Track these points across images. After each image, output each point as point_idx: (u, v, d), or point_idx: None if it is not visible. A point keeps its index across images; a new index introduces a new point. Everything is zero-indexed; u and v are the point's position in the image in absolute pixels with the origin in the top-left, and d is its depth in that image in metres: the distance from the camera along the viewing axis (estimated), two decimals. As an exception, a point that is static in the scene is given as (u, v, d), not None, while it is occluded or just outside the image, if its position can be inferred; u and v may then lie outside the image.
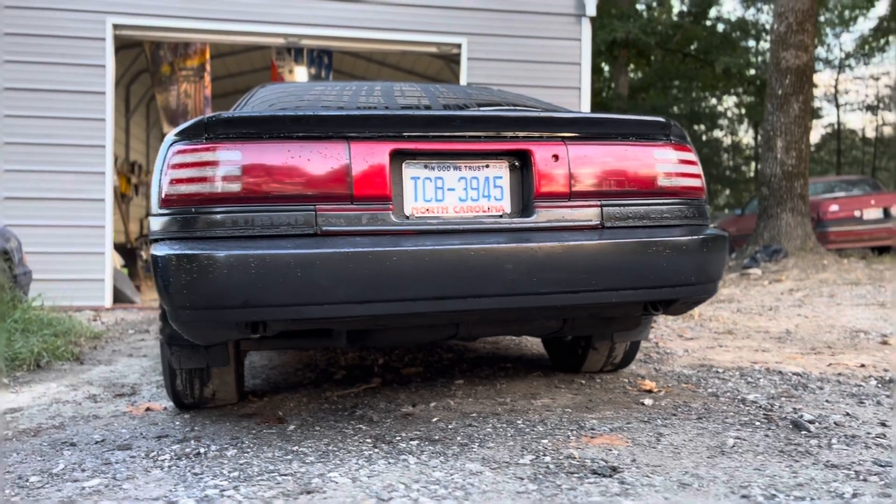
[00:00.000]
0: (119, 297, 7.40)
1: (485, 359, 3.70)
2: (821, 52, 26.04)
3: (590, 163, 2.41)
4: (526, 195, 2.39)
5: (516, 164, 2.41)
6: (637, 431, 2.28)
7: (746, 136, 28.51)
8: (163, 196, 2.21)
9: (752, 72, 18.68)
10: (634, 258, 2.34)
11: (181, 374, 2.74)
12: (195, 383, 2.78)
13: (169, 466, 2.15)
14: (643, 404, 2.65)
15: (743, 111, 27.37)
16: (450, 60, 10.28)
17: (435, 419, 2.53)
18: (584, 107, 7.66)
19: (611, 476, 1.85)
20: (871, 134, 30.06)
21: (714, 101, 27.74)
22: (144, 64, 10.38)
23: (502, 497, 1.73)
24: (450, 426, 2.43)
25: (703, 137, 26.46)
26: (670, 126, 2.55)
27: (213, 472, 2.06)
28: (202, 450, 2.31)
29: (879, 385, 2.96)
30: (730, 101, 28.51)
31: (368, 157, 2.25)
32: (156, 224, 2.25)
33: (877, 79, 28.40)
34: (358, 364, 3.73)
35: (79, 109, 6.91)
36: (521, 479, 1.85)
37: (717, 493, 1.72)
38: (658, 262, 2.36)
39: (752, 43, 21.46)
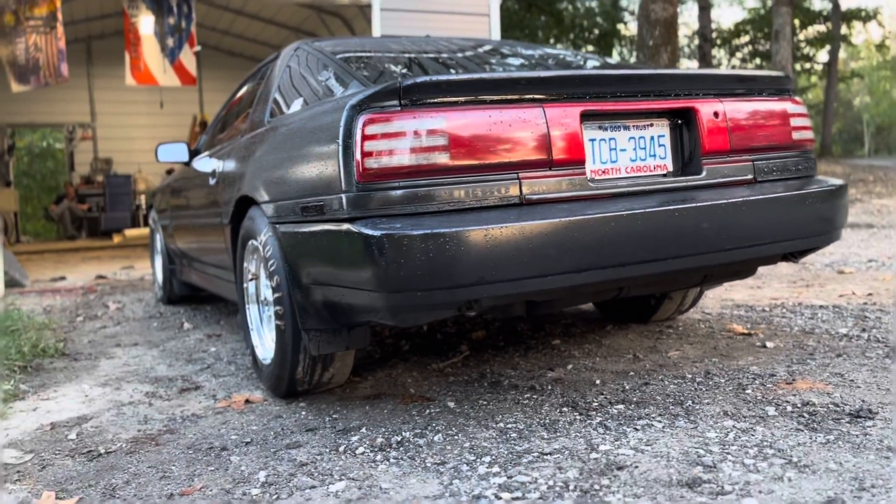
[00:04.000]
0: (8, 282, 6.57)
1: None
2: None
3: (742, 118, 2.47)
4: (691, 153, 2.42)
5: (678, 121, 2.42)
6: (814, 374, 2.43)
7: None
8: (361, 170, 2.01)
9: (599, 21, 19.53)
10: (787, 210, 2.45)
11: (305, 360, 2.53)
12: (317, 368, 2.59)
13: (393, 459, 2.00)
14: (767, 347, 2.80)
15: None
16: (325, 12, 9.90)
17: (598, 381, 2.54)
18: (496, 59, 7.69)
19: (872, 418, 1.97)
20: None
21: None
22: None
23: (817, 447, 1.79)
24: (627, 387, 2.45)
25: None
26: (791, 80, 2.66)
27: (462, 460, 1.94)
28: (397, 438, 2.16)
29: (917, 311, 3.32)
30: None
31: (563, 119, 2.17)
32: (352, 202, 2.03)
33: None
34: (406, 332, 3.61)
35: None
36: (800, 429, 1.93)
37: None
38: (804, 212, 2.48)
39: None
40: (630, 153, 2.36)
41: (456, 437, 2.13)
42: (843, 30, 28.06)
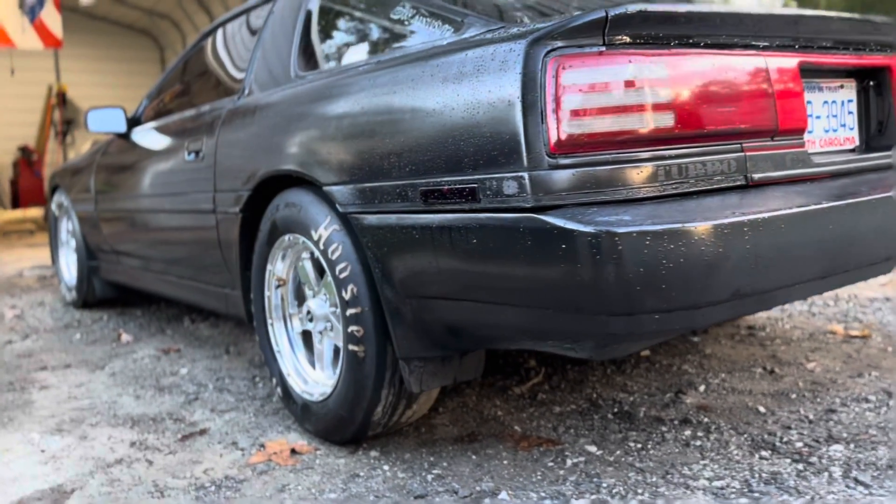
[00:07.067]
0: None
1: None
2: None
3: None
4: (881, 123, 1.95)
5: (868, 83, 1.94)
6: None
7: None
8: (558, 137, 1.38)
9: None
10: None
11: (389, 396, 1.87)
12: (399, 406, 1.93)
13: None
14: (908, 355, 2.41)
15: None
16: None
17: (761, 408, 2.03)
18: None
19: None
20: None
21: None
22: None
23: None
24: (811, 416, 1.95)
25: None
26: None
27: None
28: (573, 511, 1.56)
29: None
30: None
31: (784, 74, 1.63)
32: (539, 183, 1.39)
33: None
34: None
35: None
36: None
37: None
38: None
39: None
40: (824, 122, 1.85)
41: (659, 506, 1.56)
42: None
